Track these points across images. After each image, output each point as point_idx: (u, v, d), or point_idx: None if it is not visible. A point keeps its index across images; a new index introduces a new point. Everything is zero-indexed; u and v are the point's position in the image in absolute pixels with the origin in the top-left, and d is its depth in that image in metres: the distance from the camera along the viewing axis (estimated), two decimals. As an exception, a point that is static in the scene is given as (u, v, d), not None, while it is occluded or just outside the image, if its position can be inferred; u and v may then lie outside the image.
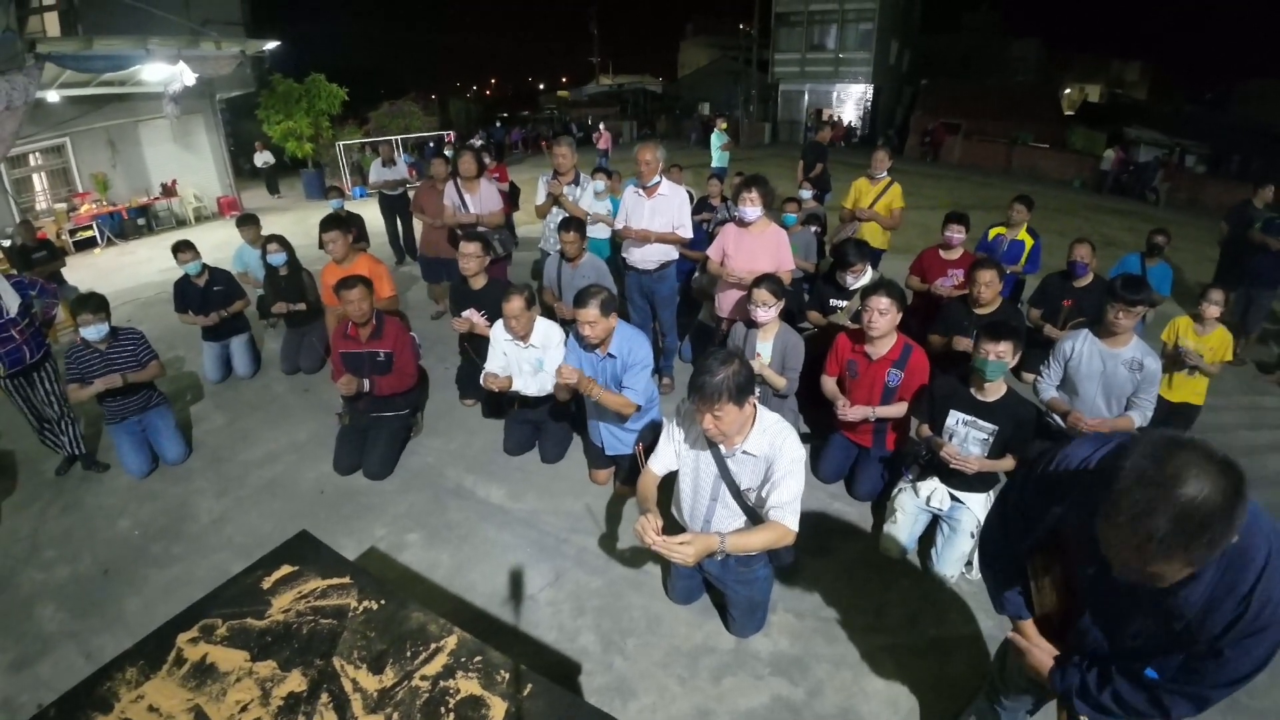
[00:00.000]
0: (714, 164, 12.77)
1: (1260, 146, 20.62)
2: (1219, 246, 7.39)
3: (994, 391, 3.25)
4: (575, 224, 4.83)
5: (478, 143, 18.32)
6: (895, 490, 3.65)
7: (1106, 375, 3.58)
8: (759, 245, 4.54)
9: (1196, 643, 1.41)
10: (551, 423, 4.47)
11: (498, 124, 32.96)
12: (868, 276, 4.70)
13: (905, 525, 3.53)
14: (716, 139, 13.11)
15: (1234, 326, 6.31)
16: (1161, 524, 1.16)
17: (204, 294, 5.54)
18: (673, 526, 2.66)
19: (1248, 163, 20.09)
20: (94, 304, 4.12)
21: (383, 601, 2.27)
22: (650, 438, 3.28)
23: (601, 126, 23.90)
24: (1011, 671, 2.19)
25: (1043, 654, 1.80)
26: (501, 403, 4.66)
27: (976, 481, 3.33)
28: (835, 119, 27.67)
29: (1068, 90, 41.03)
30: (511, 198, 9.16)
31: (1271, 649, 1.37)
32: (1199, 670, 1.44)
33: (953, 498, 3.41)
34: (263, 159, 16.59)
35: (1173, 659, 1.49)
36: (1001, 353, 3.10)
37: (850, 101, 29.31)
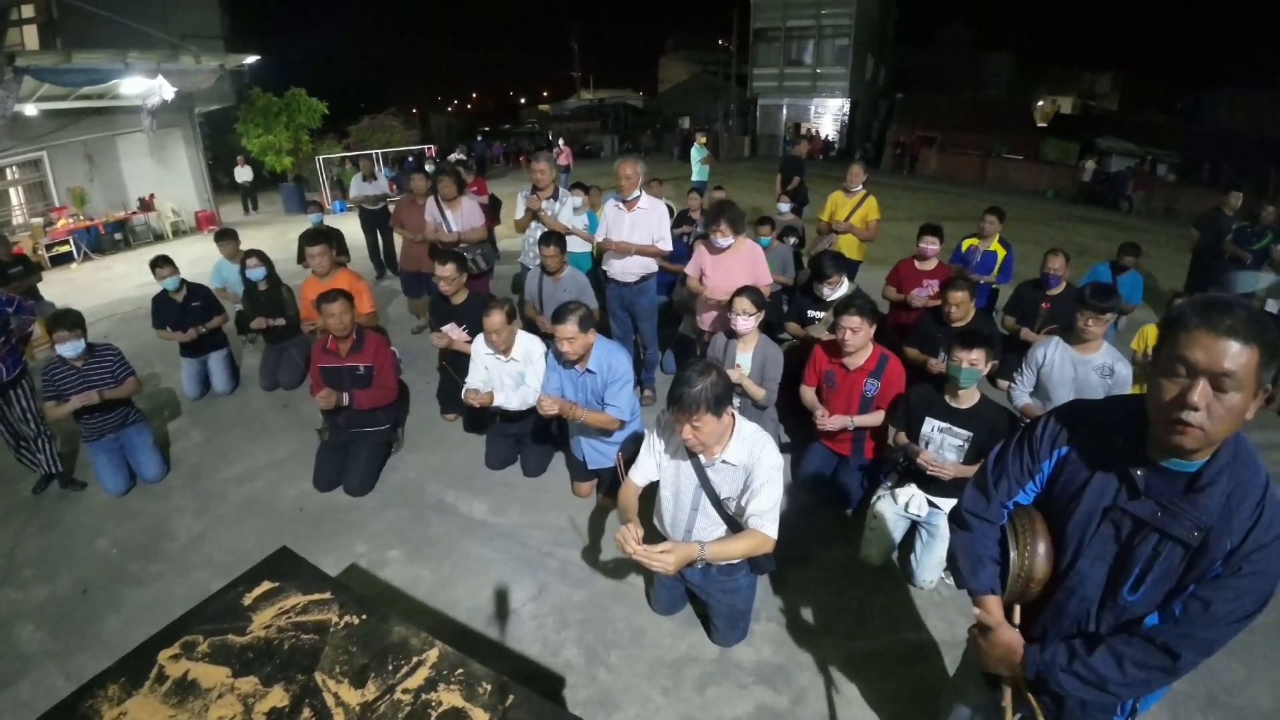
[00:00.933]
0: (694, 177, 12.91)
1: (1230, 154, 21.12)
2: (1191, 253, 7.54)
3: (968, 399, 3.31)
4: (556, 238, 4.86)
5: (459, 157, 18.38)
6: (874, 498, 3.69)
7: (1078, 381, 3.66)
8: (735, 263, 4.59)
9: (1212, 561, 1.40)
10: (533, 437, 4.48)
11: (479, 138, 33.01)
12: (844, 288, 4.77)
13: (885, 532, 3.57)
14: (696, 153, 13.29)
15: None
16: (1236, 311, 1.28)
17: (182, 309, 5.49)
18: (654, 537, 2.69)
19: (1218, 170, 20.58)
20: (70, 320, 4.09)
21: (364, 616, 2.27)
22: (631, 450, 3.31)
23: (561, 142, 23.72)
24: (965, 681, 2.16)
25: (1012, 631, 1.73)
26: (483, 417, 4.66)
27: (953, 488, 3.37)
28: (813, 133, 28.03)
29: (1040, 102, 41.79)
30: (492, 210, 9.19)
31: (1278, 571, 1.39)
32: (1210, 600, 1.41)
33: (930, 504, 3.45)
34: (242, 175, 16.41)
35: (1178, 599, 1.46)
36: (974, 360, 3.16)
37: (828, 115, 29.70)
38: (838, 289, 4.74)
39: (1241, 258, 6.44)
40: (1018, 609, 1.75)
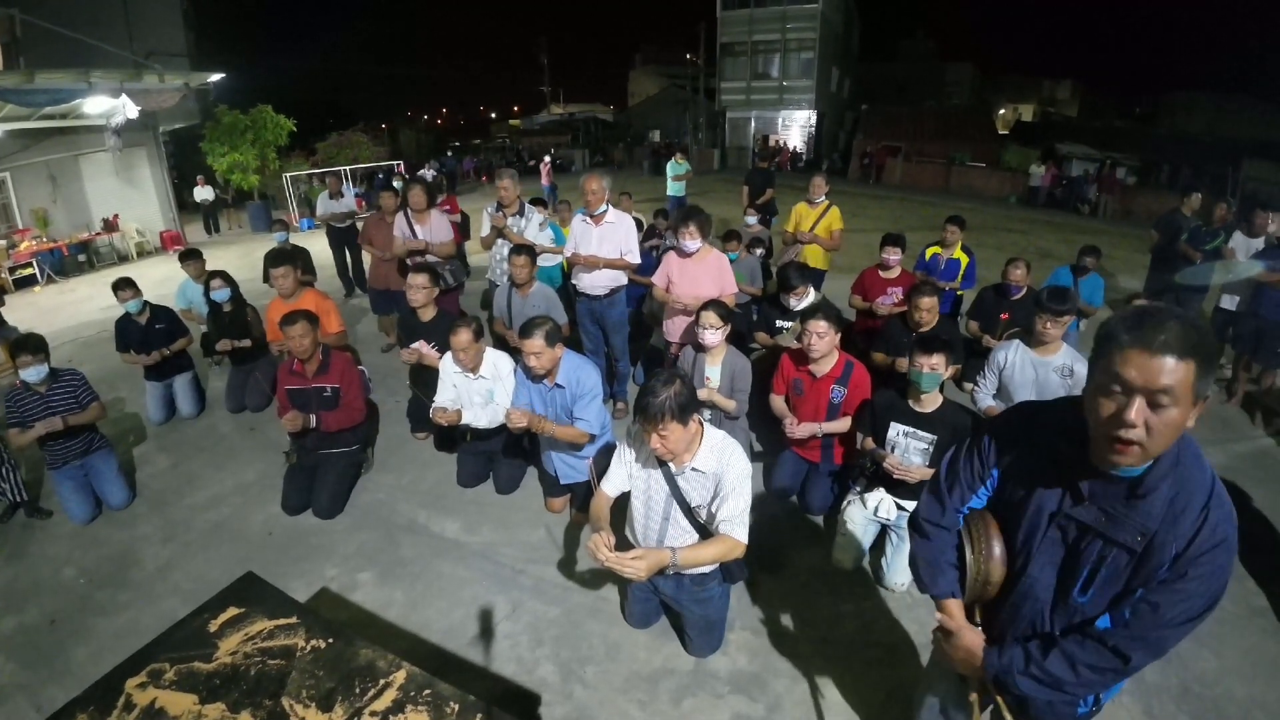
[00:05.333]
0: (669, 193, 12.70)
1: (1188, 156, 21.69)
2: (1150, 254, 7.70)
3: (931, 402, 3.38)
4: (526, 249, 4.87)
5: (429, 173, 18.30)
6: (844, 503, 3.73)
7: (1039, 382, 3.74)
8: (701, 271, 4.65)
9: (1158, 565, 1.42)
10: (505, 453, 4.46)
11: (449, 154, 32.94)
12: (811, 298, 4.83)
13: (855, 537, 3.62)
14: (674, 168, 12.88)
15: None
16: (1170, 325, 1.27)
17: (145, 332, 5.41)
18: (626, 548, 2.70)
19: (1176, 172, 21.11)
20: (33, 345, 4.04)
21: (330, 640, 2.25)
22: (604, 462, 3.32)
23: (546, 158, 22.17)
24: (935, 673, 2.19)
25: (974, 634, 1.76)
26: (454, 435, 4.63)
27: (920, 490, 3.43)
28: (781, 144, 28.42)
29: (1002, 110, 42.77)
30: (462, 228, 9.18)
31: (1225, 574, 1.41)
32: (1159, 604, 1.43)
33: (899, 507, 3.50)
34: (202, 195, 16.13)
35: (1127, 602, 1.48)
36: (934, 365, 3.23)
37: (795, 127, 30.11)
38: (804, 299, 4.80)
39: (1192, 258, 6.60)
40: (978, 610, 1.79)
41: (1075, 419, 1.50)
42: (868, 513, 3.59)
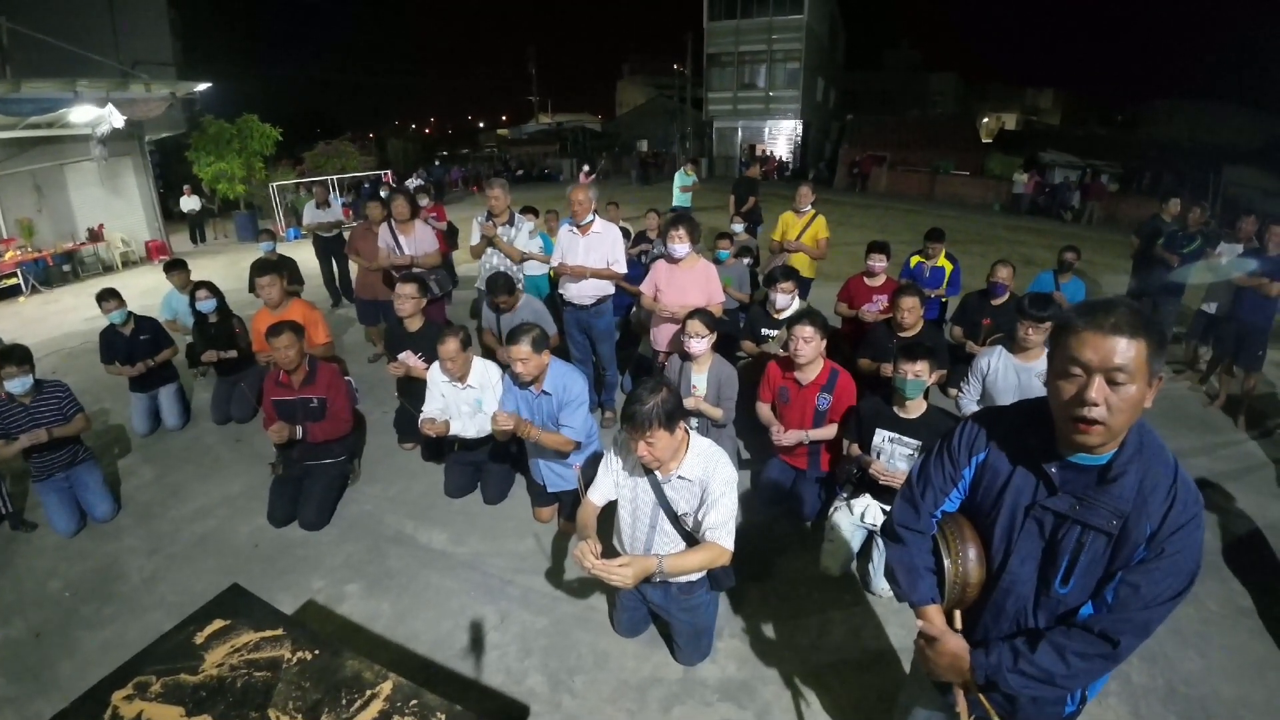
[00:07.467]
0: (675, 203, 12.25)
1: (1169, 162, 22.00)
2: (1132, 259, 7.80)
3: (915, 409, 3.41)
4: (504, 284, 4.84)
5: (417, 182, 18.27)
6: (831, 509, 3.75)
7: (1022, 388, 3.78)
8: (689, 280, 4.68)
9: (1135, 546, 1.46)
10: (492, 463, 4.46)
11: (436, 163, 32.92)
12: (796, 304, 4.86)
13: (842, 543, 3.63)
14: (682, 179, 12.43)
15: None
16: (1119, 309, 1.39)
17: (130, 343, 5.37)
18: (613, 557, 2.70)
19: (1158, 179, 21.40)
20: (18, 356, 4.01)
21: (316, 651, 2.25)
22: (592, 469, 3.33)
23: (586, 168, 20.84)
24: (918, 684, 2.16)
25: (958, 639, 1.74)
26: (441, 445, 4.63)
27: (907, 497, 3.46)
28: (767, 153, 28.59)
29: (985, 119, 43.23)
30: (450, 237, 9.18)
31: (1199, 550, 1.46)
32: (1139, 584, 1.46)
33: (885, 513, 3.52)
34: (189, 204, 16.01)
35: (1108, 587, 1.51)
36: (919, 371, 3.27)
37: (782, 136, 30.35)
38: (791, 298, 4.82)
39: (1169, 261, 6.68)
40: (958, 614, 1.79)
41: (1040, 414, 1.57)
42: (855, 519, 3.61)
